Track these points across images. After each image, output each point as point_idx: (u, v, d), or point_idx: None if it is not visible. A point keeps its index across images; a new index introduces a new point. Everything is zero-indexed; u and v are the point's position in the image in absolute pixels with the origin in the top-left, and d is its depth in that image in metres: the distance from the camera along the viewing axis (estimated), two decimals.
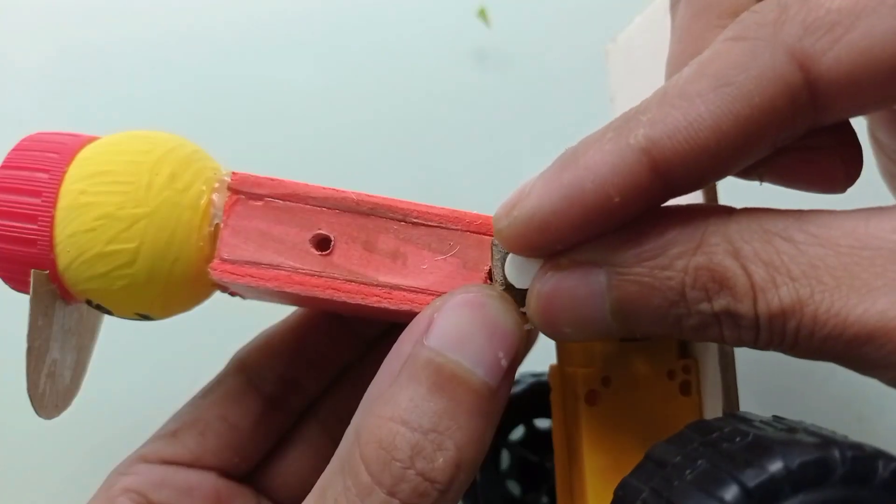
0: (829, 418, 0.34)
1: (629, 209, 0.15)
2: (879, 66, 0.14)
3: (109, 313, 0.20)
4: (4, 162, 0.19)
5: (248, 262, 0.18)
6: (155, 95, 0.36)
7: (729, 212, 0.15)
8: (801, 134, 0.15)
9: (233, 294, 0.21)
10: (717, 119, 0.14)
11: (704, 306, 0.15)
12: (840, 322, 0.14)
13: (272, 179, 0.19)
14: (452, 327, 0.17)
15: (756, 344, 0.15)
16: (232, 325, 0.25)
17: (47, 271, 0.18)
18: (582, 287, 0.16)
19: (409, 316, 0.18)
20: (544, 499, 0.29)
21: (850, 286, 0.14)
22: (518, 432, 0.29)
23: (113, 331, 0.23)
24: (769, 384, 0.33)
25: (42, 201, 0.18)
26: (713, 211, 0.16)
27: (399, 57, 0.37)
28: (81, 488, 0.22)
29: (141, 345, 0.31)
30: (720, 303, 0.15)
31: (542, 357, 0.25)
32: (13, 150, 0.19)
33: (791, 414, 0.34)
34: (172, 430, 0.23)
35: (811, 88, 0.14)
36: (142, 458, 0.22)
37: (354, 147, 0.36)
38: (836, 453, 0.14)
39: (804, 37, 0.14)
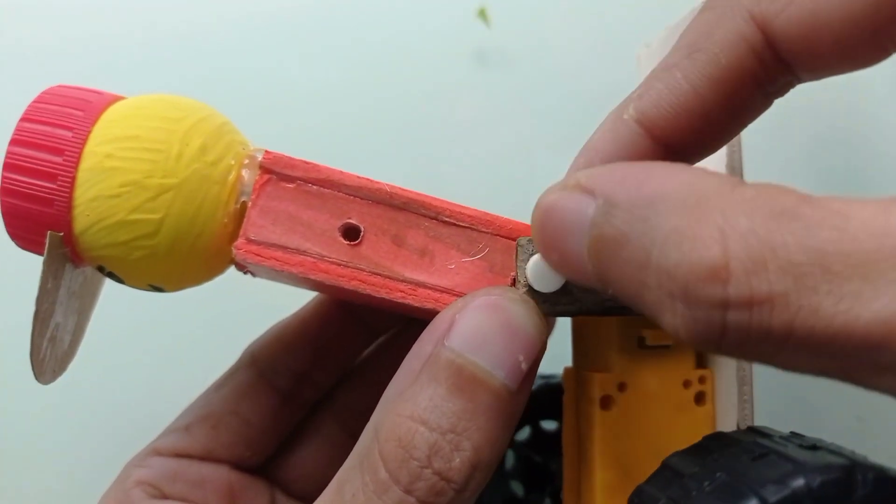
0: (829, 418, 0.34)
1: None
2: (827, 26, 0.15)
3: (121, 282, 0.19)
4: (24, 114, 0.18)
5: (274, 245, 0.18)
6: (161, 88, 0.35)
7: (741, 182, 0.13)
8: (786, 86, 0.17)
9: (245, 272, 0.20)
10: (693, 83, 0.16)
11: (664, 279, 0.13)
12: (851, 319, 0.11)
13: (306, 162, 0.18)
14: (474, 329, 0.17)
15: (721, 344, 0.13)
16: (245, 317, 0.25)
17: (62, 233, 0.18)
18: (572, 213, 0.15)
19: (432, 314, 0.18)
20: (547, 500, 0.29)
21: (864, 277, 0.11)
22: (524, 433, 0.29)
23: (127, 324, 0.23)
24: (769, 382, 0.33)
25: (64, 160, 0.17)
26: (729, 179, 0.14)
27: (399, 57, 0.37)
28: (97, 480, 0.22)
29: (155, 338, 0.31)
30: (678, 282, 0.13)
31: (552, 359, 0.25)
32: (34, 101, 0.18)
33: (789, 414, 0.34)
34: (185, 424, 0.23)
35: (772, 47, 0.16)
36: (155, 450, 0.22)
37: (353, 147, 0.36)
38: (859, 475, 0.14)
39: (761, 0, 0.16)
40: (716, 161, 0.22)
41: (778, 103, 0.17)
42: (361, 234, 0.18)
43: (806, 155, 0.37)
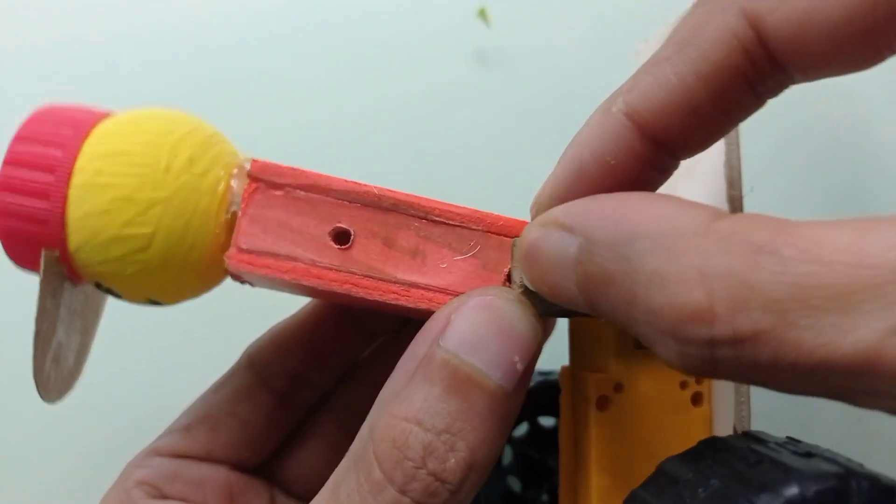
0: (828, 418, 0.34)
1: (630, 170, 0.16)
2: (820, 25, 0.15)
3: (119, 297, 0.19)
4: (16, 135, 0.18)
5: (265, 253, 0.18)
6: (156, 91, 0.35)
7: (717, 216, 0.14)
8: (778, 86, 0.16)
9: (242, 282, 0.20)
10: (682, 77, 0.16)
11: (652, 318, 0.13)
12: (831, 351, 0.12)
13: (294, 169, 0.18)
14: (469, 329, 0.17)
15: (714, 374, 0.14)
16: (243, 320, 0.25)
17: (57, 252, 0.18)
18: (556, 252, 0.16)
19: (426, 314, 0.18)
20: (544, 496, 0.29)
21: (841, 309, 0.12)
22: (522, 429, 0.29)
23: (127, 326, 0.23)
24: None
25: (55, 178, 0.17)
26: (705, 214, 0.14)
27: (398, 57, 0.36)
28: (98, 480, 0.22)
29: (155, 340, 0.31)
30: (665, 322, 0.13)
31: (550, 355, 0.25)
32: (25, 122, 0.18)
33: (788, 414, 0.34)
34: (185, 425, 0.23)
35: (764, 45, 0.15)
36: (155, 451, 0.22)
37: (352, 147, 0.35)
38: (853, 483, 0.14)
39: None
40: (714, 164, 0.21)
41: (784, 115, 0.17)
42: (352, 237, 0.18)
43: (810, 168, 0.37)
